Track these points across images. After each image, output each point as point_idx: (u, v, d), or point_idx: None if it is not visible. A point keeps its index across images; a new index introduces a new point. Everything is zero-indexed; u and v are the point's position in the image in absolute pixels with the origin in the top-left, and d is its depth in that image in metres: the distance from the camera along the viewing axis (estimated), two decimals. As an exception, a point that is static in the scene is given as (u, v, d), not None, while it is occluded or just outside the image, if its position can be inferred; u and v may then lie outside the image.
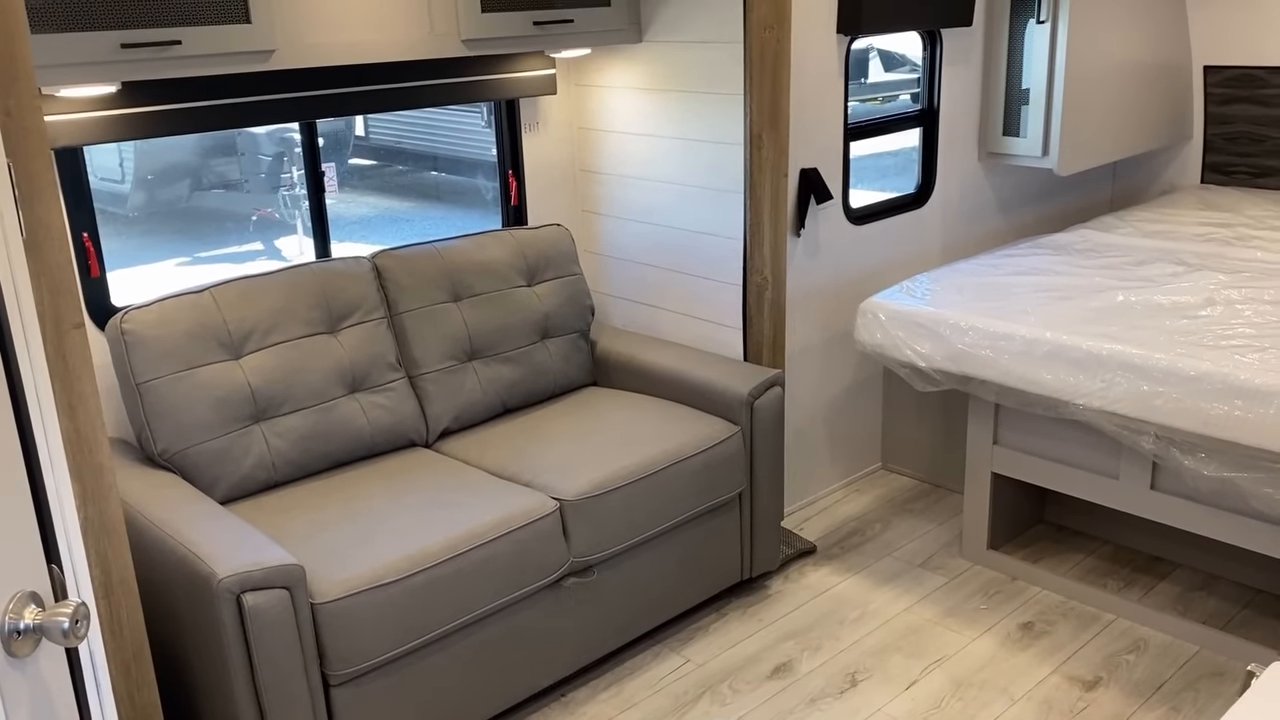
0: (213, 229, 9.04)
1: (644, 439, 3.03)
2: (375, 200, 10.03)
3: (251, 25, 2.59)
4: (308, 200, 3.25)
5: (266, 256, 8.64)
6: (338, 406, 2.92)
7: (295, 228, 8.75)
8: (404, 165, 10.68)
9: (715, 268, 3.43)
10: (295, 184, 8.81)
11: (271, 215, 8.98)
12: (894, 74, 11.05)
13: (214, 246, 8.80)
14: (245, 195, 9.37)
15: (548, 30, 3.16)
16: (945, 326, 3.17)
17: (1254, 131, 4.53)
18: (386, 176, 10.59)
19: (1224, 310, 3.03)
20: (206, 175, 9.26)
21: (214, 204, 9.43)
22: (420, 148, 10.32)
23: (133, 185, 8.93)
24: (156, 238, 8.71)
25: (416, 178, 10.74)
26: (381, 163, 10.54)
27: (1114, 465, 3.07)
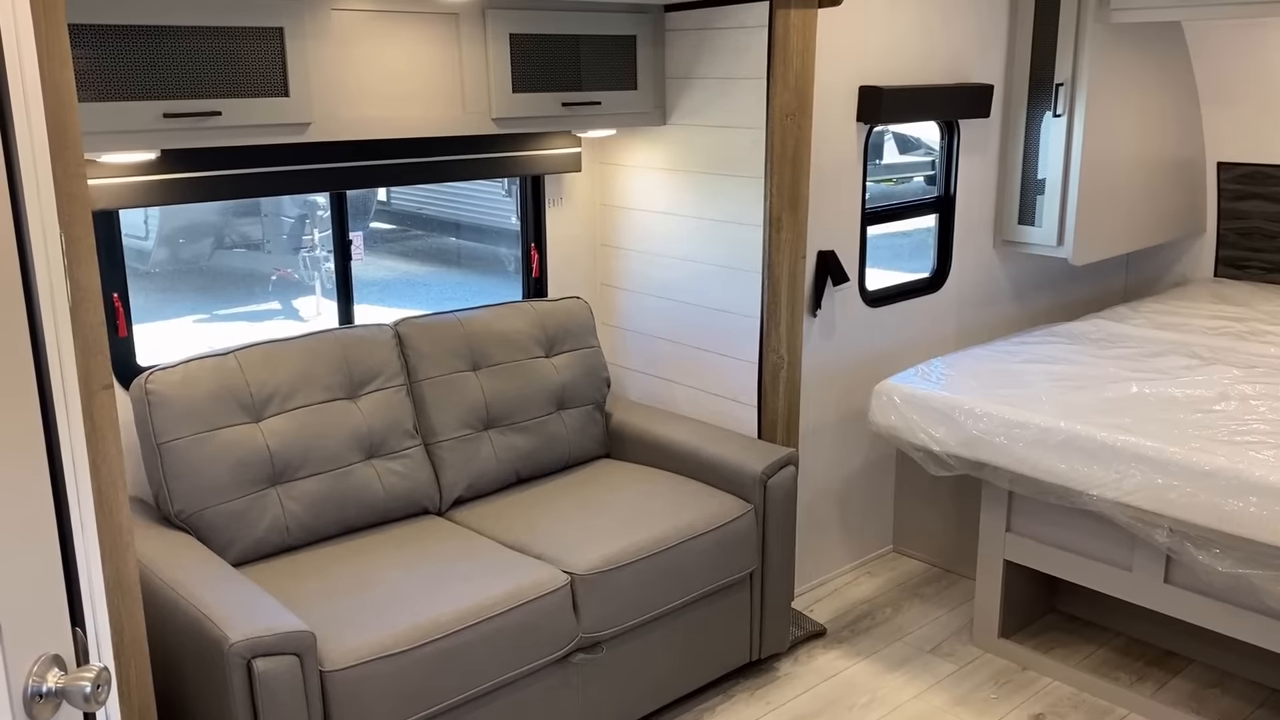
0: (232, 287, 9.15)
1: (656, 514, 3.03)
2: (394, 264, 10.16)
3: (289, 98, 2.67)
4: (334, 267, 3.31)
5: (284, 316, 8.73)
6: (354, 472, 2.94)
7: (314, 288, 8.86)
8: (423, 230, 10.83)
9: (732, 345, 3.46)
10: (316, 245, 8.94)
11: (291, 275, 9.09)
12: (909, 156, 11.22)
13: (233, 304, 8.90)
14: (266, 255, 9.50)
15: (575, 111, 3.24)
16: (960, 412, 3.18)
17: (1267, 227, 4.58)
18: (406, 241, 10.73)
19: (1238, 405, 3.04)
20: (229, 234, 9.41)
21: (235, 263, 9.56)
22: (440, 214, 10.47)
23: (156, 242, 9.07)
24: (177, 294, 8.82)
25: (436, 243, 10.87)
26: (401, 227, 10.69)
27: (1127, 557, 3.05)
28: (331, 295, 9.12)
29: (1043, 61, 3.99)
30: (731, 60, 3.26)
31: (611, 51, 3.32)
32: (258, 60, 2.61)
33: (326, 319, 8.77)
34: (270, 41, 2.62)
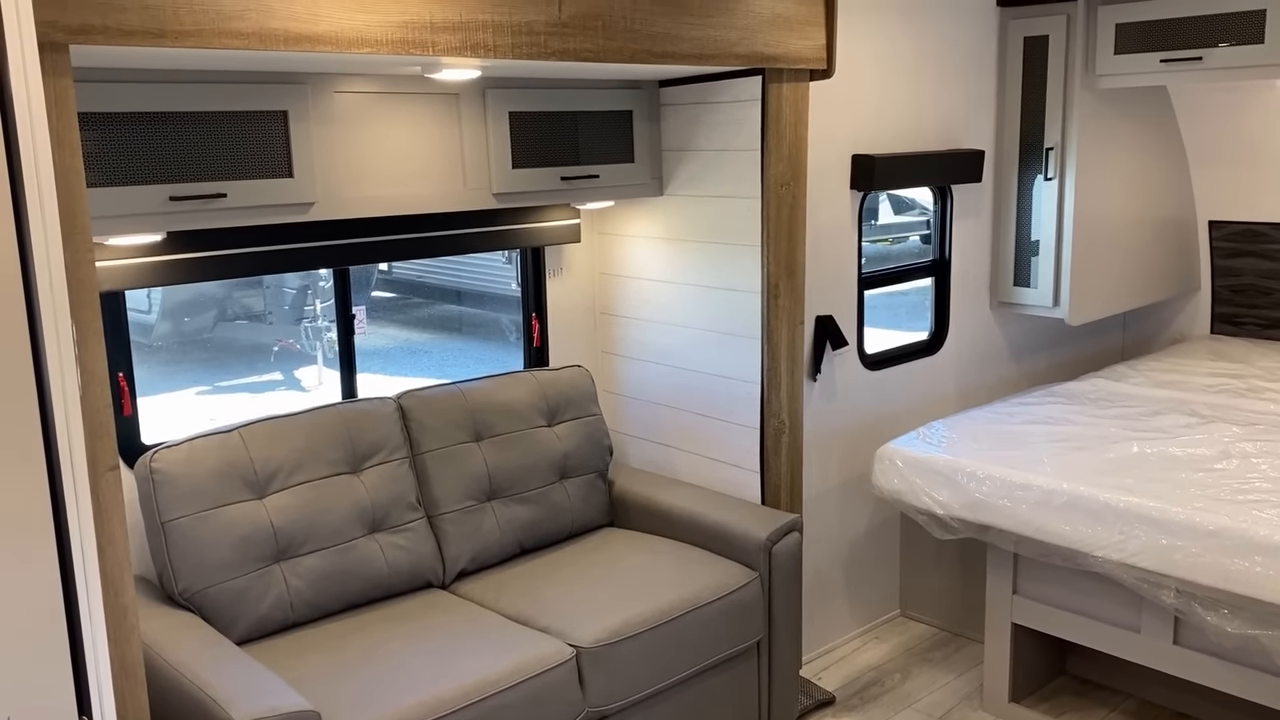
0: (235, 359, 9.19)
1: (661, 584, 3.02)
2: (395, 332, 10.22)
3: (294, 179, 2.72)
4: (337, 341, 3.34)
5: (285, 387, 8.76)
6: (357, 547, 2.94)
7: (315, 358, 8.90)
8: (424, 298, 10.90)
9: (733, 410, 3.48)
10: (318, 316, 9.00)
11: (293, 346, 9.14)
12: (903, 216, 11.35)
13: (235, 376, 8.93)
14: (268, 326, 9.56)
15: (574, 185, 3.30)
16: (962, 475, 3.19)
17: (1261, 284, 4.62)
18: (406, 309, 10.80)
19: (1240, 464, 3.05)
20: (232, 306, 9.48)
21: (238, 334, 9.61)
22: (441, 282, 10.56)
23: (159, 315, 9.13)
24: (179, 366, 8.86)
25: (437, 310, 10.94)
26: (402, 295, 10.78)
27: (1135, 618, 3.03)
28: (333, 365, 9.13)
29: (1032, 126, 4.06)
30: (727, 133, 3.32)
31: (608, 126, 3.39)
32: (262, 143, 2.66)
33: (328, 389, 8.80)
34: (275, 124, 2.68)
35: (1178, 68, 3.67)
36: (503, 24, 2.54)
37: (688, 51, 2.90)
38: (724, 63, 2.99)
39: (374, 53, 2.32)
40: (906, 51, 3.74)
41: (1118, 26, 3.80)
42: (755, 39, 3.04)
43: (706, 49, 2.94)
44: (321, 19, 2.23)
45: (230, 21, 2.10)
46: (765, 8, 3.05)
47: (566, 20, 2.65)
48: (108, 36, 1.97)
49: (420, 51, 2.39)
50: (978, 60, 4.03)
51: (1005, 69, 4.10)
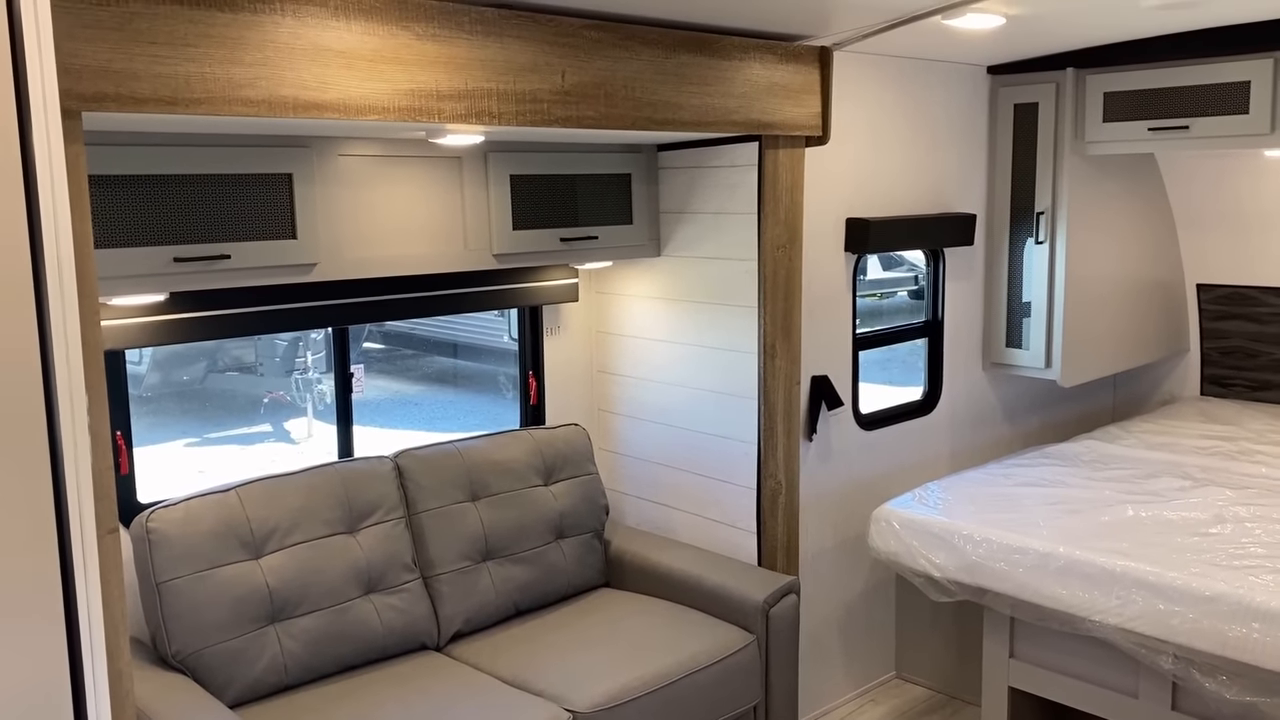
0: (224, 410, 9.16)
1: (659, 647, 3.00)
2: (385, 384, 10.20)
3: (297, 240, 2.75)
4: (335, 399, 3.34)
5: (275, 438, 8.72)
6: (353, 608, 2.92)
7: (306, 410, 8.87)
8: (415, 350, 10.90)
9: (729, 470, 3.48)
10: (309, 368, 8.99)
11: (283, 398, 9.12)
12: (892, 272, 11.47)
13: (224, 428, 8.89)
14: (259, 378, 9.53)
15: (573, 246, 3.33)
16: (959, 537, 3.19)
17: (1249, 347, 4.68)
18: (398, 360, 10.79)
19: (1234, 528, 3.06)
20: (222, 358, 9.46)
21: (227, 385, 9.59)
22: (433, 334, 10.57)
23: (149, 366, 9.11)
24: (168, 417, 8.82)
25: (427, 362, 10.94)
26: (392, 347, 10.78)
27: (1133, 683, 3.03)
28: (324, 418, 9.10)
29: (1023, 191, 4.13)
30: (724, 196, 3.37)
31: (607, 189, 3.44)
32: (266, 205, 2.69)
33: (318, 441, 8.77)
34: (279, 187, 2.71)
35: (1165, 136, 3.75)
36: (507, 92, 2.58)
37: (687, 119, 2.95)
38: (723, 129, 3.05)
39: (381, 119, 2.36)
40: (899, 117, 3.81)
41: (1106, 95, 3.88)
42: (753, 107, 3.10)
43: (706, 116, 2.99)
44: (330, 87, 2.27)
45: (241, 90, 2.14)
46: (763, 77, 3.11)
47: (570, 89, 2.71)
48: (120, 104, 2.00)
49: (426, 119, 2.43)
50: (969, 126, 4.11)
51: (996, 135, 4.17)
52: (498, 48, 2.56)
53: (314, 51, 2.23)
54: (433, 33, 2.43)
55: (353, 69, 2.30)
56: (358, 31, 2.30)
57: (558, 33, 2.67)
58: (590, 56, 2.74)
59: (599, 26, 2.75)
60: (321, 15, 2.24)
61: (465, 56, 2.49)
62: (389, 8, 2.35)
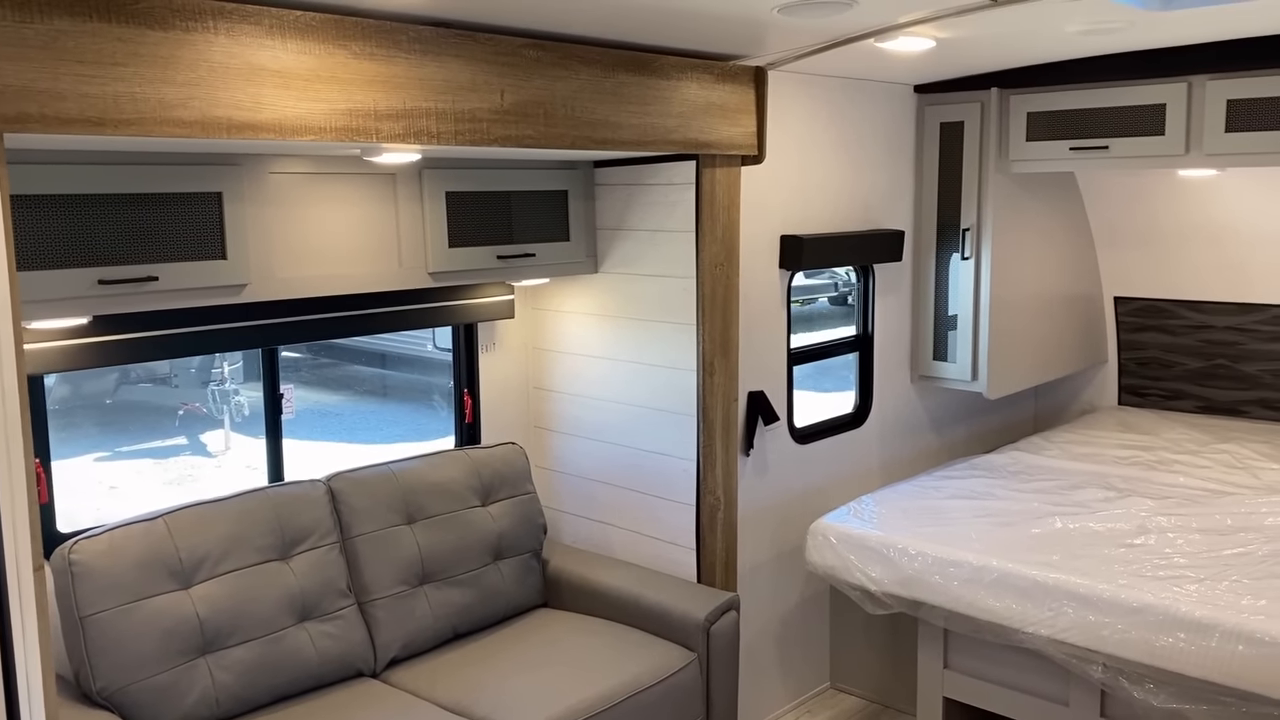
0: (136, 423, 8.88)
1: (600, 668, 2.98)
2: (304, 394, 9.98)
3: (227, 261, 2.67)
4: (265, 421, 3.26)
5: (191, 451, 8.48)
6: (286, 636, 2.84)
7: (223, 422, 8.65)
8: (333, 359, 10.68)
9: (668, 487, 3.48)
10: (226, 379, 8.77)
11: (199, 410, 8.88)
12: (812, 279, 11.64)
13: (136, 441, 8.62)
14: (173, 390, 9.26)
15: (510, 263, 3.30)
16: (894, 551, 3.24)
17: (1163, 358, 4.85)
18: (316, 369, 10.57)
19: (1157, 539, 3.16)
20: (135, 369, 9.16)
21: (140, 397, 9.30)
22: (353, 342, 10.36)
23: (57, 379, 8.80)
24: (77, 431, 8.52)
25: (349, 371, 10.73)
26: (310, 355, 10.53)
27: (1064, 692, 3.10)
28: (242, 429, 8.85)
29: (949, 208, 4.22)
30: (661, 214, 3.37)
31: (544, 205, 3.41)
32: (195, 225, 2.61)
33: (237, 453, 8.54)
34: (208, 206, 2.63)
35: (1086, 155, 3.86)
36: (446, 111, 2.55)
37: (627, 138, 2.95)
38: (661, 149, 3.05)
39: (318, 140, 2.30)
40: (830, 136, 3.86)
41: (1029, 115, 3.99)
42: (691, 126, 3.11)
43: (645, 135, 2.99)
44: (265, 107, 2.21)
45: (172, 110, 2.07)
46: (700, 96, 3.12)
47: (509, 108, 2.68)
48: (45, 125, 1.92)
49: (364, 139, 2.39)
50: (897, 144, 4.18)
51: (923, 153, 4.25)
52: (436, 67, 2.52)
53: (249, 71, 2.17)
54: (370, 51, 2.38)
55: (289, 89, 2.24)
56: (294, 50, 2.24)
57: (497, 52, 2.64)
58: (529, 76, 2.72)
59: (538, 46, 2.73)
60: (256, 34, 2.18)
61: (404, 75, 2.45)
62: (325, 26, 2.30)
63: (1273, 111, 3.42)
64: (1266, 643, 2.54)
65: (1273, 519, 3.29)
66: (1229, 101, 3.49)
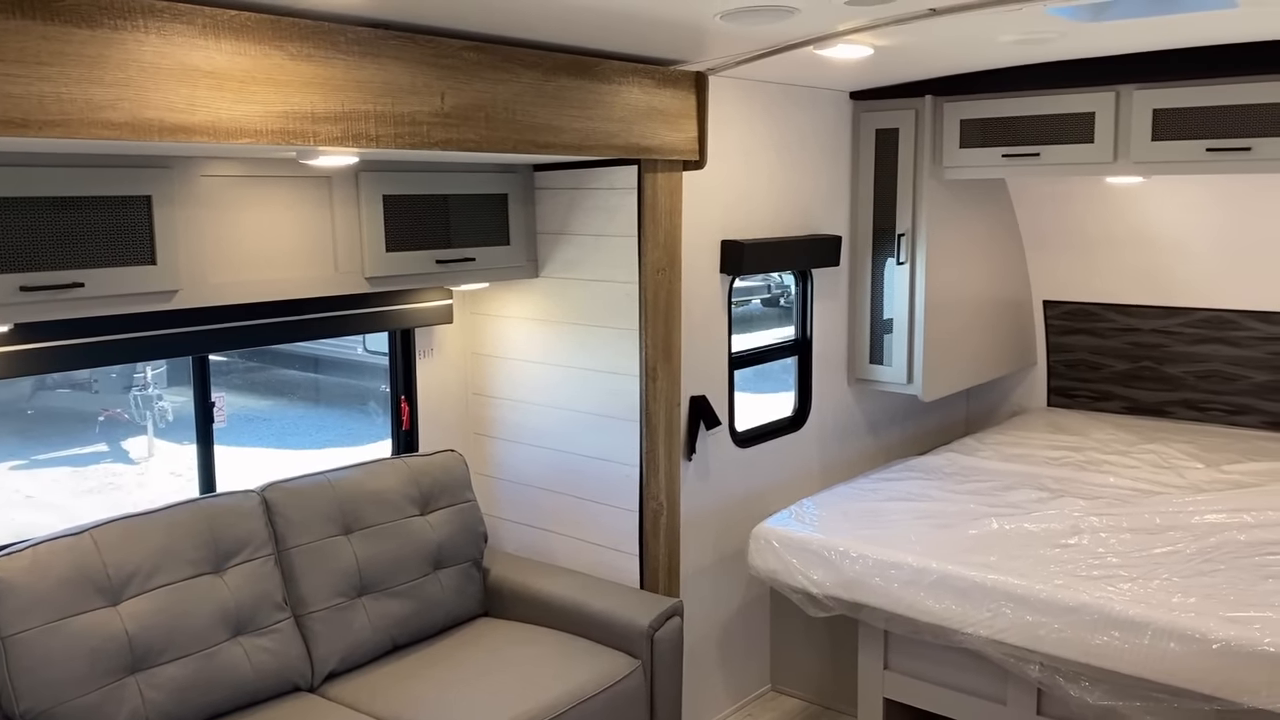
0: (54, 430, 8.59)
1: (544, 678, 2.95)
2: (233, 399, 9.74)
3: (157, 266, 2.59)
4: (195, 431, 3.16)
5: (112, 459, 8.23)
6: (220, 652, 2.76)
7: (146, 429, 8.40)
8: (260, 363, 10.45)
9: (611, 493, 3.46)
10: (149, 384, 8.52)
11: (121, 416, 8.62)
12: (745, 281, 11.73)
13: (55, 448, 8.34)
14: (93, 395, 8.98)
15: (449, 268, 3.26)
16: (835, 554, 3.26)
17: (1091, 360, 4.97)
18: (245, 374, 10.33)
19: (1090, 539, 3.23)
20: (53, 374, 8.86)
21: (59, 404, 9.00)
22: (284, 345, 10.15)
23: (-32, 385, 8.47)
24: (-10, 437, 8.22)
25: (277, 375, 10.50)
26: (236, 359, 10.28)
27: (1001, 691, 3.16)
28: (166, 435, 8.60)
29: (885, 213, 4.27)
30: (603, 218, 3.36)
31: (484, 209, 3.37)
32: (123, 229, 2.52)
33: (161, 460, 8.31)
34: (137, 210, 2.54)
35: (1018, 163, 3.94)
36: (385, 114, 2.50)
37: (569, 142, 2.92)
38: (603, 153, 3.04)
39: (254, 143, 2.24)
40: (769, 141, 3.88)
41: (962, 123, 4.05)
42: (633, 131, 3.10)
43: (586, 140, 2.97)
44: (199, 109, 2.15)
45: (101, 111, 2.00)
46: (642, 101, 3.11)
47: (449, 111, 2.64)
48: (-35, 126, 1.84)
49: (301, 142, 2.33)
50: (834, 150, 4.22)
51: (859, 159, 4.30)
52: (375, 69, 2.47)
53: (181, 71, 2.11)
54: (308, 53, 2.32)
55: (223, 90, 2.18)
56: (228, 51, 2.18)
57: (437, 54, 2.60)
58: (470, 78, 2.68)
59: (478, 48, 2.70)
60: (189, 34, 2.11)
61: (342, 77, 2.40)
62: (261, 27, 2.24)
63: (1196, 121, 3.52)
64: (1197, 639, 2.61)
65: (1199, 518, 3.39)
66: (1155, 111, 3.58)
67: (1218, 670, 2.58)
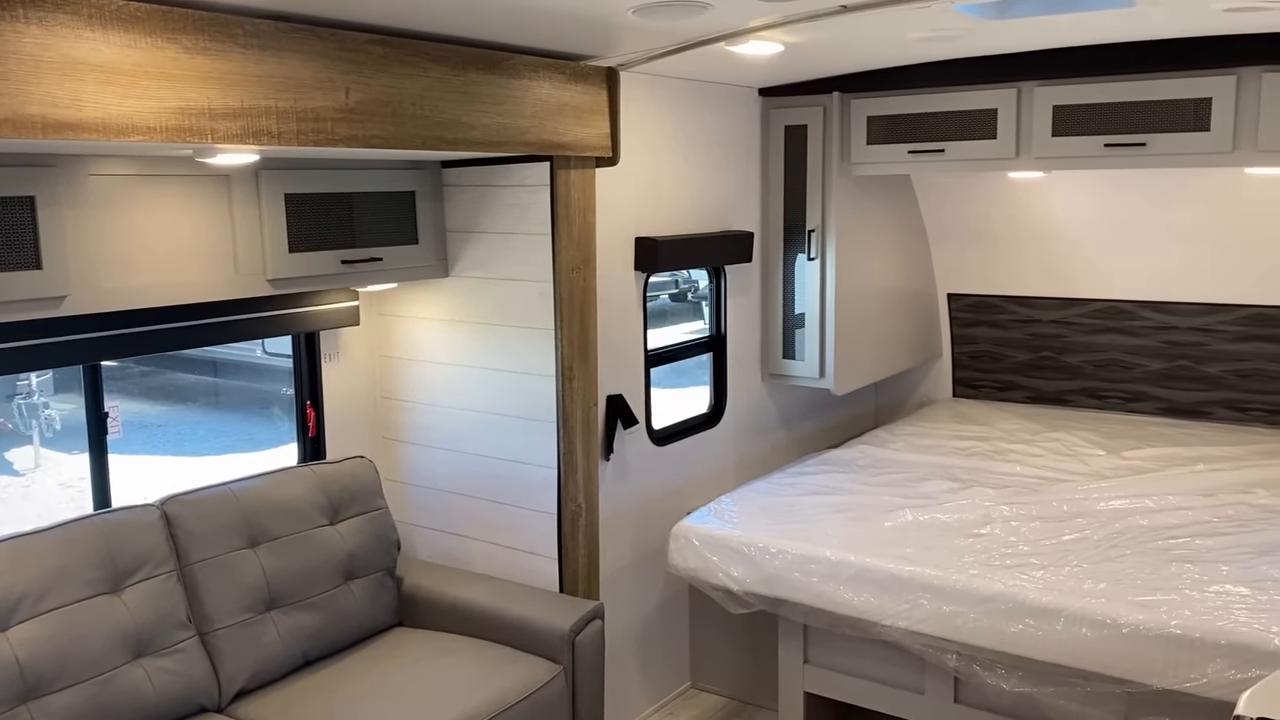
0: (-74, 443, 8.13)
1: (463, 688, 2.89)
2: (126, 405, 9.34)
3: (42, 271, 2.44)
4: (88, 442, 3.00)
5: (-6, 471, 7.82)
6: (119, 676, 2.63)
7: (32, 438, 8.01)
8: (152, 366, 10.06)
9: (528, 496, 3.41)
10: (34, 391, 8.13)
11: (4, 426, 8.20)
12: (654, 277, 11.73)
13: (-75, 463, 7.90)
14: (-29, 405, 8.52)
15: (356, 268, 3.16)
16: (755, 550, 3.27)
17: (994, 351, 5.08)
18: (136, 378, 9.93)
19: (1001, 528, 3.30)
20: (-73, 384, 8.40)
21: (-68, 414, 8.52)
22: (178, 351, 9.75)
23: None
24: None
25: (173, 379, 10.13)
26: (126, 363, 9.86)
27: (919, 681, 3.20)
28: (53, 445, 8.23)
29: (795, 209, 4.29)
30: (514, 216, 3.29)
31: (390, 207, 3.28)
32: (4, 232, 2.36)
33: (48, 471, 7.93)
34: (19, 212, 2.39)
35: (924, 159, 4.00)
36: (287, 110, 2.40)
37: (479, 139, 2.86)
38: (514, 150, 2.98)
39: (147, 140, 2.13)
40: (681, 138, 3.86)
41: (869, 119, 4.09)
42: (544, 127, 3.04)
43: (497, 136, 2.91)
44: (86, 104, 2.02)
45: (-22, 106, 1.86)
46: (553, 97, 3.06)
47: (354, 106, 2.55)
48: None
49: (198, 139, 2.22)
50: (745, 147, 4.22)
51: (769, 156, 4.31)
52: (276, 63, 2.37)
53: (65, 65, 1.98)
54: (204, 46, 2.21)
55: (112, 84, 2.06)
56: (117, 44, 2.06)
57: (341, 47, 2.51)
58: (376, 73, 2.59)
59: (384, 42, 2.61)
60: (74, 24, 1.99)
61: (240, 72, 2.29)
62: (152, 18, 2.12)
63: (1095, 117, 3.61)
64: (1108, 625, 2.68)
65: (1104, 504, 3.49)
66: (1055, 107, 3.67)
67: (1128, 654, 2.65)
